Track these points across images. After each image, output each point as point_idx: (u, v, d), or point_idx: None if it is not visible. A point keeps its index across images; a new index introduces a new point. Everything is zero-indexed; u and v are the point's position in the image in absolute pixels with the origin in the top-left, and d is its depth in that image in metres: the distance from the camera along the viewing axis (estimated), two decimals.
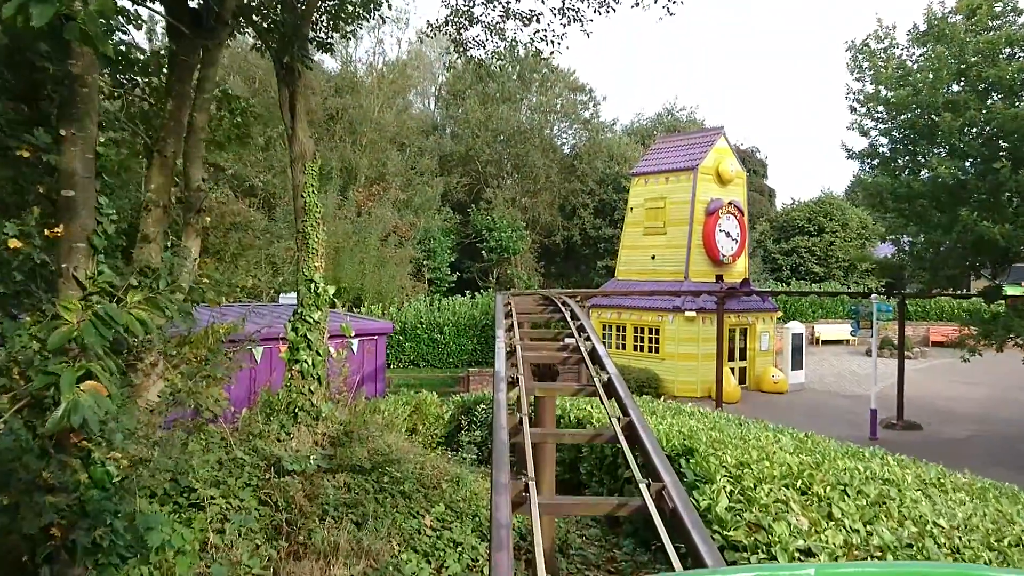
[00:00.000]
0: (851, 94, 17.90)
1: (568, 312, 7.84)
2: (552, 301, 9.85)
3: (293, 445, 7.90)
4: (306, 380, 8.80)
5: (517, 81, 45.99)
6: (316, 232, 9.01)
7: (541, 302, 10.35)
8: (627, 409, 4.35)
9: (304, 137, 8.94)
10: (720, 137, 26.61)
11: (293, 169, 9.06)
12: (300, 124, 8.90)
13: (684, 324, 24.69)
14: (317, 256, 9.04)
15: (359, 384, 14.62)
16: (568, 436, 5.22)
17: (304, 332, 8.87)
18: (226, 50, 38.19)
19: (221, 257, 8.30)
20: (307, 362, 8.79)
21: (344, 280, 28.20)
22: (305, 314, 8.96)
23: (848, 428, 21.72)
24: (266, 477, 7.04)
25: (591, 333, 6.59)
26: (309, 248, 8.99)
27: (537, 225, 45.28)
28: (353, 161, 35.88)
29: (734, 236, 26.50)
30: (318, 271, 9.10)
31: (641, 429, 4.31)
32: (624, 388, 4.94)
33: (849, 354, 36.95)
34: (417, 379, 25.90)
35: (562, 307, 8.55)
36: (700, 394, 24.83)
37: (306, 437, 8.10)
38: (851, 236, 46.56)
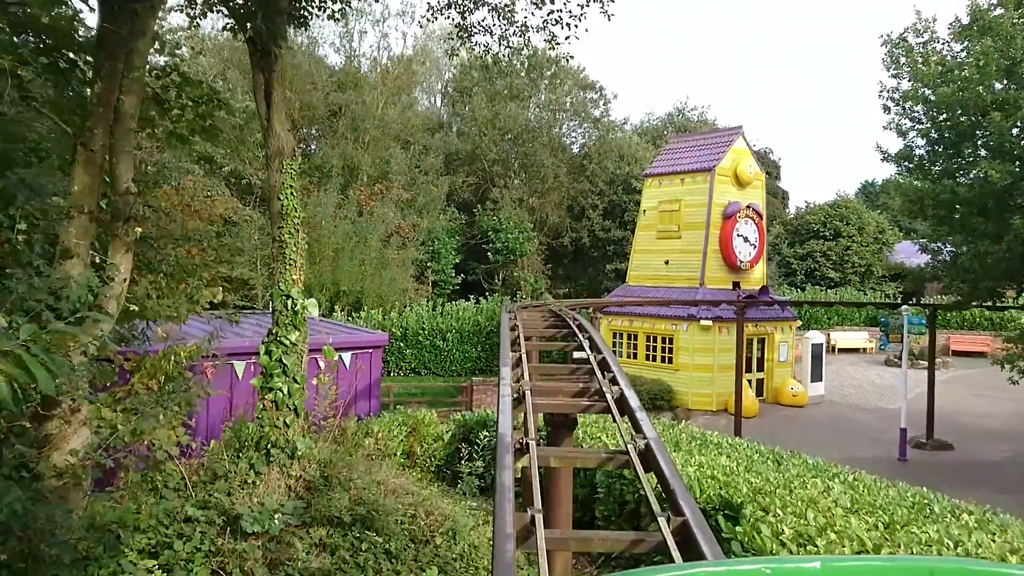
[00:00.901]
0: (885, 92, 16.61)
1: (586, 339, 6.63)
2: (565, 322, 8.64)
3: (261, 492, 6.70)
4: (281, 412, 7.60)
5: (525, 78, 44.75)
6: (295, 240, 7.80)
7: (552, 321, 9.14)
8: (680, 507, 3.14)
9: (282, 130, 7.74)
10: (738, 137, 25.34)
11: (269, 167, 7.87)
12: (277, 116, 7.70)
13: (699, 333, 23.43)
14: (295, 268, 7.84)
15: (351, 402, 13.42)
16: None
17: (279, 356, 7.66)
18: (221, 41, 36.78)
19: (168, 273, 7.00)
20: (282, 391, 7.58)
21: (344, 283, 27.00)
22: (280, 335, 7.75)
23: (875, 447, 20.44)
24: (219, 543, 5.85)
25: (617, 372, 5.36)
26: (286, 258, 7.78)
27: (545, 226, 44.02)
28: (355, 159, 34.65)
29: (752, 241, 25.23)
30: (296, 285, 7.89)
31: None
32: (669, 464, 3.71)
33: (867, 363, 35.60)
34: (418, 388, 24.70)
35: (577, 331, 7.35)
36: (715, 407, 23.59)
37: (278, 481, 6.91)
38: (867, 241, 45.18)
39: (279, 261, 7.80)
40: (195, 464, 7.74)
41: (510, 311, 10.21)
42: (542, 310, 11.41)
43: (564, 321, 8.96)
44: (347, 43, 39.12)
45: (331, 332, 13.97)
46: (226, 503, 6.25)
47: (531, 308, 12.46)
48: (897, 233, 47.73)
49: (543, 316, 10.55)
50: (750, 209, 25.07)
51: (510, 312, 9.88)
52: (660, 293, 25.28)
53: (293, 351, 7.75)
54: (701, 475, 7.80)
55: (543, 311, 10.86)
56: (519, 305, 11.94)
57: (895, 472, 18.36)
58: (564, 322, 8.95)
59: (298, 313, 7.76)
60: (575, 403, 5.05)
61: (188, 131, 7.23)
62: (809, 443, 20.86)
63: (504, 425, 4.13)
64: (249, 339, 12.43)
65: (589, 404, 4.97)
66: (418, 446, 13.33)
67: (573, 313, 9.08)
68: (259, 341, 12.62)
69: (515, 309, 10.76)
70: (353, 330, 14.37)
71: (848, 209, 45.87)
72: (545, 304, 13.84)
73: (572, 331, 8.04)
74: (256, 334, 13.36)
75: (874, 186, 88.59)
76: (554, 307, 10.97)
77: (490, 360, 26.57)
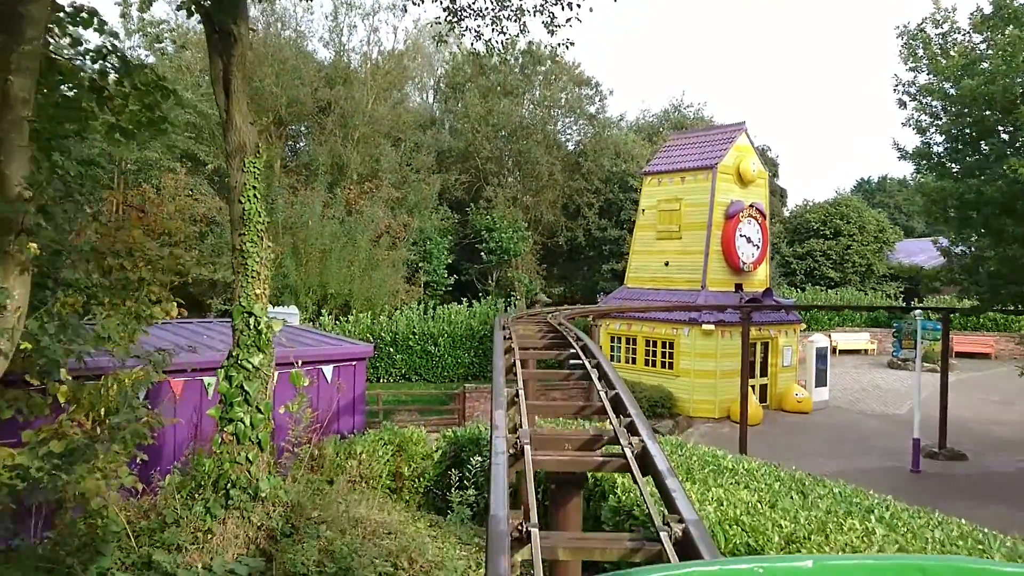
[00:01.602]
0: (900, 86, 15.69)
1: (594, 367, 5.67)
2: (566, 340, 7.69)
3: (215, 544, 5.72)
4: (242, 446, 6.62)
5: (519, 74, 43.74)
6: (259, 249, 6.83)
7: (551, 339, 8.19)
8: None
9: (243, 123, 6.76)
10: (741, 133, 24.41)
11: (229, 165, 6.90)
12: (237, 107, 6.72)
13: (701, 338, 22.51)
14: (259, 280, 6.85)
15: (333, 419, 12.45)
16: None
17: (240, 382, 6.68)
18: None
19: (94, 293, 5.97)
20: (243, 422, 6.60)
21: (331, 285, 25.98)
22: (241, 358, 6.77)
23: (886, 457, 19.56)
24: None
25: (635, 416, 4.41)
26: (248, 270, 6.80)
27: (539, 225, 43.04)
28: (344, 156, 33.60)
29: (755, 241, 24.32)
30: (260, 300, 6.91)
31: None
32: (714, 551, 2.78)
33: (870, 365, 34.77)
34: (409, 395, 23.72)
35: (581, 353, 6.39)
36: (718, 415, 22.69)
37: (236, 531, 5.93)
38: (868, 240, 44.35)
39: (240, 273, 6.82)
40: (147, 505, 6.74)
41: (504, 326, 9.25)
42: (539, 322, 10.46)
43: (564, 338, 8.00)
44: (336, 37, 38.06)
45: (311, 342, 12.98)
46: (168, 565, 5.26)
47: (526, 319, 11.51)
48: (898, 232, 46.94)
49: (540, 331, 9.59)
50: (753, 208, 24.17)
51: (504, 328, 8.93)
52: (660, 295, 24.36)
53: (256, 376, 6.77)
54: (722, 517, 6.85)
55: (540, 324, 9.90)
56: (514, 316, 10.97)
57: (909, 485, 17.49)
58: (564, 339, 7.99)
59: (262, 333, 6.78)
60: (585, 458, 4.09)
61: (132, 124, 6.24)
62: (817, 453, 19.99)
63: (497, 503, 3.17)
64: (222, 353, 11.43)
65: (603, 461, 4.01)
66: (406, 466, 12.35)
67: (576, 330, 8.12)
68: None
69: (509, 323, 9.80)
70: (335, 340, 13.38)
71: (848, 207, 45.02)
72: (542, 312, 12.88)
73: (575, 351, 7.08)
74: None
75: (871, 183, 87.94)
76: (552, 319, 10.01)
77: (483, 366, 25.60)
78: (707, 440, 21.23)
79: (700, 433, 21.88)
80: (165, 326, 14.06)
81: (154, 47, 27.51)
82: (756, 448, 19.06)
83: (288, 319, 15.10)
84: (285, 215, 26.98)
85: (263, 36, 34.18)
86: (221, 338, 12.96)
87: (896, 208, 76.21)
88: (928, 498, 16.76)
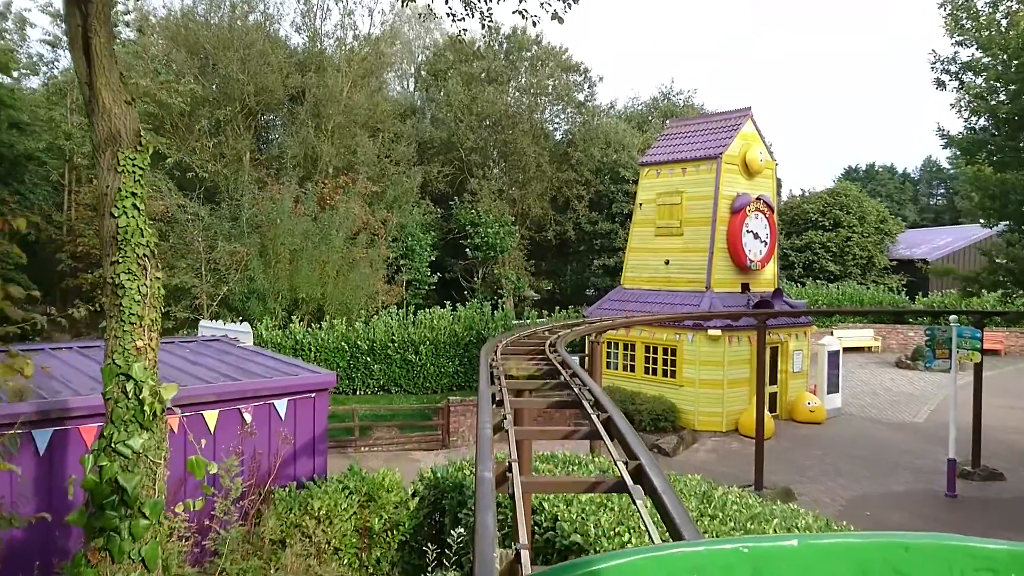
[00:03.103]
0: (939, 63, 13.75)
1: (614, 444, 3.69)
2: (568, 387, 5.68)
3: None
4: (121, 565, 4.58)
5: (504, 60, 41.56)
6: (140, 283, 4.75)
7: (553, 385, 6.17)
8: None
9: (115, 103, 4.67)
10: (747, 120, 22.44)
11: (97, 161, 4.81)
12: (104, 78, 4.63)
13: (706, 344, 20.59)
14: (140, 328, 4.78)
15: (286, 464, 10.38)
16: None
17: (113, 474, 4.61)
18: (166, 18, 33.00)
19: None
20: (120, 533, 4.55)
21: (302, 289, 23.81)
22: (117, 440, 4.69)
23: (914, 477, 17.72)
24: None
25: (675, 513, 2.41)
26: (124, 314, 4.71)
27: (527, 219, 40.98)
28: (317, 148, 31.32)
29: (763, 237, 22.39)
30: (143, 357, 4.84)
31: None
32: None
33: (876, 364, 33.02)
34: (388, 410, 21.66)
35: (591, 411, 4.38)
36: (725, 428, 20.81)
37: None
38: (869, 231, 42.62)
39: (112, 317, 4.76)
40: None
41: (492, 364, 7.24)
42: (534, 352, 8.44)
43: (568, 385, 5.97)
44: (309, 21, 35.70)
45: (261, 371, 10.89)
46: None
47: (518, 344, 9.49)
48: (899, 223, 45.26)
49: (536, 365, 7.58)
50: (760, 201, 22.23)
51: (493, 368, 6.92)
52: (660, 297, 22.42)
53: (138, 466, 4.71)
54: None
55: (536, 359, 7.88)
56: (504, 343, 8.92)
57: (946, 512, 15.64)
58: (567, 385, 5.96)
59: (145, 404, 4.71)
60: None
61: None
62: (837, 473, 18.15)
63: None
64: None
65: None
66: (375, 518, 10.34)
67: (584, 375, 6.11)
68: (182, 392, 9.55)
69: (498, 358, 7.79)
70: (291, 366, 11.29)
71: (848, 197, 43.24)
72: (535, 334, 10.85)
73: (583, 409, 5.05)
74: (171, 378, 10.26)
75: (858, 172, 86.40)
76: (552, 354, 7.98)
77: (468, 375, 23.56)
78: (716, 457, 19.33)
79: (707, 449, 19.99)
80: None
81: None
82: (769, 466, 17.20)
83: (240, 338, 12.99)
84: (251, 212, 24.78)
85: (227, 19, 31.82)
86: None
87: (887, 197, 74.94)
88: (971, 528, 14.93)
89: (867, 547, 1.55)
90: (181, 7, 32.81)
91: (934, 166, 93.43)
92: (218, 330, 13.62)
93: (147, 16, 31.41)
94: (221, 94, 31.18)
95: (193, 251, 22.62)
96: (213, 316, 22.38)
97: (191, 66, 30.27)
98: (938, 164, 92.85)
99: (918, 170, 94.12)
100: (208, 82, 30.77)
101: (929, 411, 24.47)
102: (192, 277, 22.06)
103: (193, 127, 29.38)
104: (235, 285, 22.79)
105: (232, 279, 22.81)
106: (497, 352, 8.44)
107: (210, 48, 30.57)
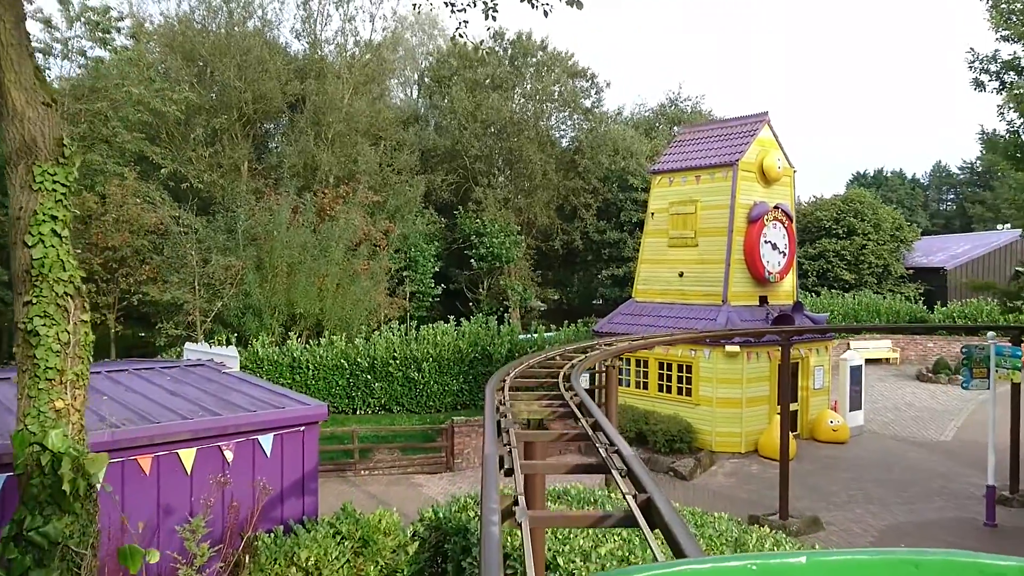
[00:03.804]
0: (978, 63, 12.75)
1: (645, 524, 2.71)
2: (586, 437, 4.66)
3: None
4: None
5: (509, 66, 40.67)
6: (60, 329, 3.79)
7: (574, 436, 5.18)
8: None
9: (28, 106, 3.72)
10: (763, 125, 21.44)
11: (8, 176, 3.85)
12: (13, 76, 3.68)
13: (724, 361, 19.55)
14: (61, 386, 3.81)
15: (271, 506, 9.40)
16: None
17: (23, 569, 3.66)
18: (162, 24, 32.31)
19: None
20: None
21: (300, 304, 22.85)
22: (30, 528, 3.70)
23: (949, 503, 16.61)
24: None
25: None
26: (40, 370, 3.75)
27: (533, 228, 40.02)
28: (316, 157, 30.40)
29: (781, 248, 21.37)
30: (65, 422, 3.85)
31: None
32: None
33: (895, 377, 31.88)
34: (389, 431, 20.66)
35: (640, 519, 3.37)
36: (744, 449, 19.74)
37: None
38: (884, 238, 41.50)
39: (25, 371, 3.79)
40: None
41: (498, 405, 6.26)
42: (546, 395, 7.43)
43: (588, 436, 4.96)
44: (309, 27, 34.85)
45: (245, 402, 9.91)
46: None
47: (527, 379, 8.48)
48: (915, 230, 44.10)
49: (550, 406, 6.60)
50: (778, 210, 21.22)
51: (499, 411, 5.94)
52: (673, 311, 21.40)
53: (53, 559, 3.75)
54: None
55: (548, 399, 6.88)
56: (511, 381, 7.90)
57: (986, 544, 14.54)
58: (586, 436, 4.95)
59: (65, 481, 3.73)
60: None
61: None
62: (865, 499, 17.06)
63: None
64: (114, 428, 8.34)
65: None
66: (371, 565, 9.35)
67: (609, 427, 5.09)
68: (152, 428, 8.59)
69: (505, 397, 6.81)
70: (279, 396, 10.31)
71: (862, 204, 42.14)
72: (547, 361, 9.83)
73: (604, 465, 4.04)
74: (148, 415, 9.32)
75: (866, 177, 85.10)
76: (567, 391, 6.97)
77: (474, 394, 22.55)
78: (735, 481, 18.27)
79: (725, 472, 18.93)
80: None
81: (96, 35, 24.30)
82: (793, 491, 16.07)
83: (226, 363, 12.02)
84: (247, 224, 23.85)
85: (225, 26, 31.00)
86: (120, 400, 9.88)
87: (899, 203, 73.79)
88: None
89: (877, 564, 1.47)
90: (177, 14, 32.01)
91: (944, 171, 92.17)
92: (204, 354, 12.66)
93: (142, 23, 30.62)
94: (218, 102, 30.34)
95: (187, 265, 21.68)
96: (207, 333, 21.44)
97: (187, 73, 29.44)
98: (948, 169, 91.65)
99: (927, 175, 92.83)
100: (205, 90, 29.92)
101: (956, 428, 23.35)
102: (185, 292, 21.11)
103: (189, 136, 28.53)
104: (230, 300, 21.84)
105: (227, 294, 21.87)
106: (505, 390, 7.44)
107: (206, 55, 29.74)
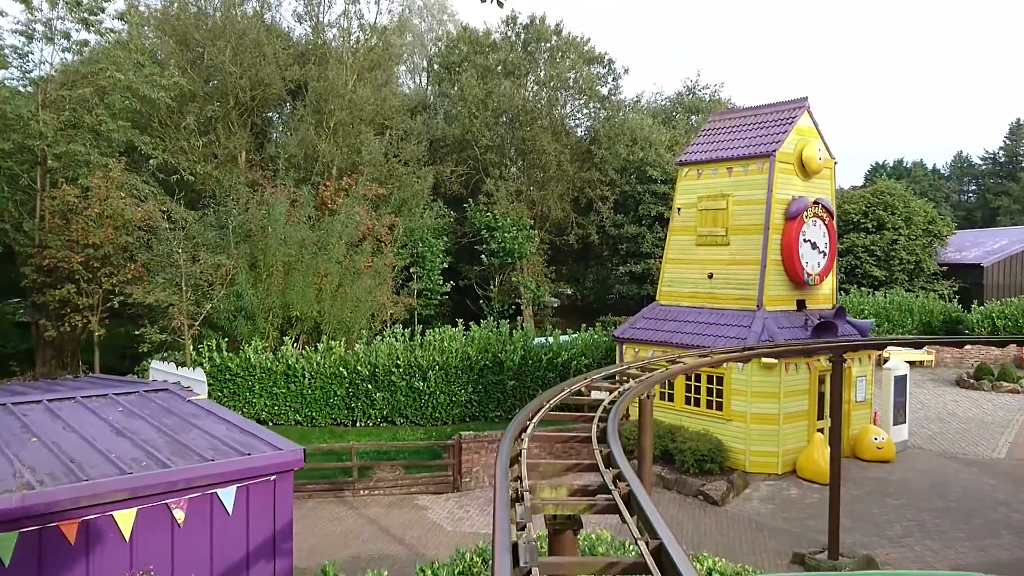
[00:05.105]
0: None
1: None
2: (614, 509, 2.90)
3: None
4: None
5: (522, 51, 38.72)
6: None
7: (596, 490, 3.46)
8: None
9: None
10: (803, 112, 19.49)
11: None
12: None
13: (759, 373, 17.71)
14: None
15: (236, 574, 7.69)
16: None
17: None
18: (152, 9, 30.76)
19: None
20: None
21: (296, 306, 21.14)
22: None
23: (1018, 540, 14.73)
24: None
25: None
26: None
27: (546, 222, 38.17)
28: (317, 147, 28.61)
29: (821, 247, 19.47)
30: None
31: None
32: None
33: (933, 382, 29.91)
34: (391, 446, 18.97)
35: None
36: (781, 470, 17.91)
37: None
38: (916, 233, 39.38)
39: None
40: None
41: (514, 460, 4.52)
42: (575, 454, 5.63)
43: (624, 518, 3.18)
44: (313, 10, 33.01)
45: (203, 447, 8.17)
46: None
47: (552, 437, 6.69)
48: (949, 224, 41.91)
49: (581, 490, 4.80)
50: (818, 206, 19.30)
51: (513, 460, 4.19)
52: (703, 316, 19.56)
53: None
54: None
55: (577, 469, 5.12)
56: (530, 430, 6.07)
57: None
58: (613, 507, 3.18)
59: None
60: None
61: None
62: (922, 532, 15.16)
63: None
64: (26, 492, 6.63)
65: None
66: None
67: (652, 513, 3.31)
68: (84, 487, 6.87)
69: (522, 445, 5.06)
70: (246, 436, 8.57)
71: (893, 196, 40.01)
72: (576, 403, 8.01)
73: None
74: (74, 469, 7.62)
75: (886, 168, 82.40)
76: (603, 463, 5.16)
77: (483, 404, 20.79)
78: (772, 507, 16.43)
79: (761, 496, 17.09)
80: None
81: (80, 16, 22.57)
82: (840, 521, 14.25)
83: (193, 387, 10.29)
84: (240, 219, 22.13)
85: (221, 7, 29.22)
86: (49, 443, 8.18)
87: (922, 195, 71.34)
88: None
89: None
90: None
91: (965, 162, 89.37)
92: (170, 375, 10.95)
93: (135, 4, 28.88)
94: (213, 88, 28.60)
95: (174, 264, 19.98)
96: (195, 338, 19.77)
97: (181, 58, 27.72)
98: (969, 160, 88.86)
99: (947, 166, 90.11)
100: (200, 76, 28.18)
101: (1008, 444, 21.43)
102: (171, 295, 19.43)
103: (180, 125, 26.82)
104: (220, 302, 20.15)
105: (217, 295, 20.18)
106: (524, 439, 5.64)
107: (200, 38, 27.98)
